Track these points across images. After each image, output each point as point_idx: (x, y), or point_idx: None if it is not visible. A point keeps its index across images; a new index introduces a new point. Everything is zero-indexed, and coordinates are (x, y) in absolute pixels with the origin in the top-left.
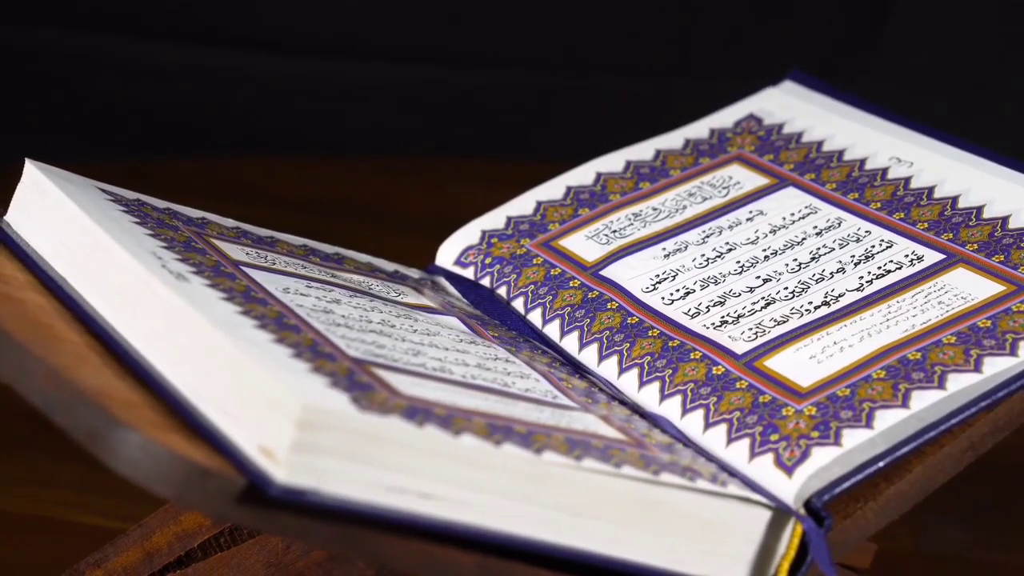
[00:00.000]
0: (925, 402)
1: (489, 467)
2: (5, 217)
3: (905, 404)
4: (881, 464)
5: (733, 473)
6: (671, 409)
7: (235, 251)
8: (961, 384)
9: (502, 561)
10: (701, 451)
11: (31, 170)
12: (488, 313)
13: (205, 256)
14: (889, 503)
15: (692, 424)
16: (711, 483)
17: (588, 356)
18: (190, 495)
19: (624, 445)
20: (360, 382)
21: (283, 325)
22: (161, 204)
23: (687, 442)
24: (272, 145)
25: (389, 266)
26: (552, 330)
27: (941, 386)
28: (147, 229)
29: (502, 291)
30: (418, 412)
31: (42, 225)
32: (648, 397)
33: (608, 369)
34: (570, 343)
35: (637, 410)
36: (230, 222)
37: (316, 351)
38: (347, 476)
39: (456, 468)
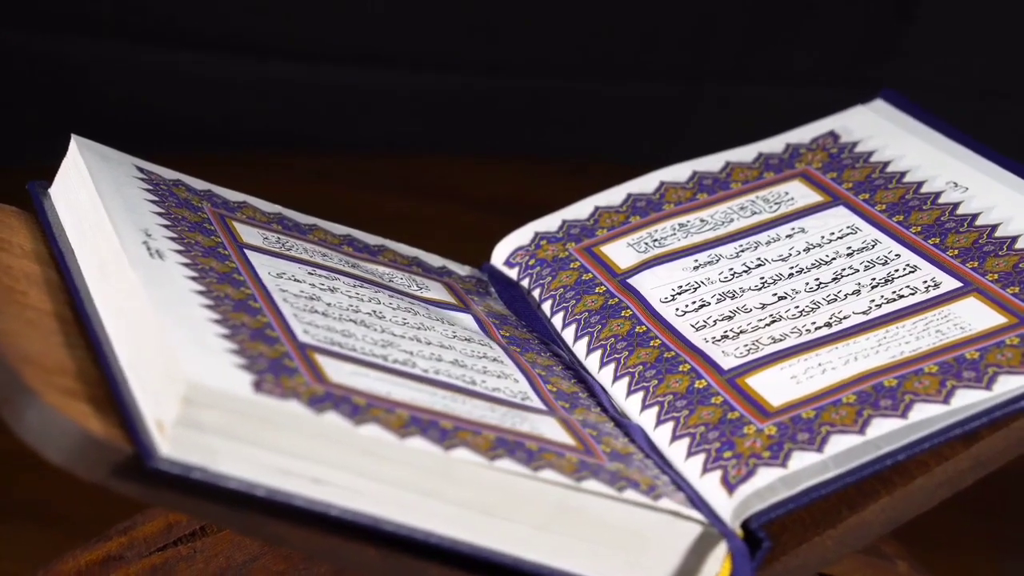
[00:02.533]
0: (882, 430)
1: (390, 459)
2: (50, 189)
3: (862, 430)
4: (829, 490)
5: (682, 487)
6: (648, 419)
7: (251, 234)
8: (924, 414)
9: (409, 556)
10: (664, 463)
11: (73, 145)
12: (518, 313)
13: (209, 237)
14: (850, 532)
15: (662, 435)
16: (643, 495)
17: (592, 362)
18: (76, 462)
19: (566, 450)
20: (287, 366)
21: (240, 306)
22: (200, 186)
23: (651, 453)
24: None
25: (436, 261)
26: (568, 334)
27: (903, 415)
28: (159, 208)
29: (536, 293)
30: (328, 400)
31: (69, 197)
32: (632, 406)
33: (605, 376)
34: (580, 348)
35: (615, 418)
36: (271, 208)
37: (259, 334)
38: (237, 456)
39: (353, 457)
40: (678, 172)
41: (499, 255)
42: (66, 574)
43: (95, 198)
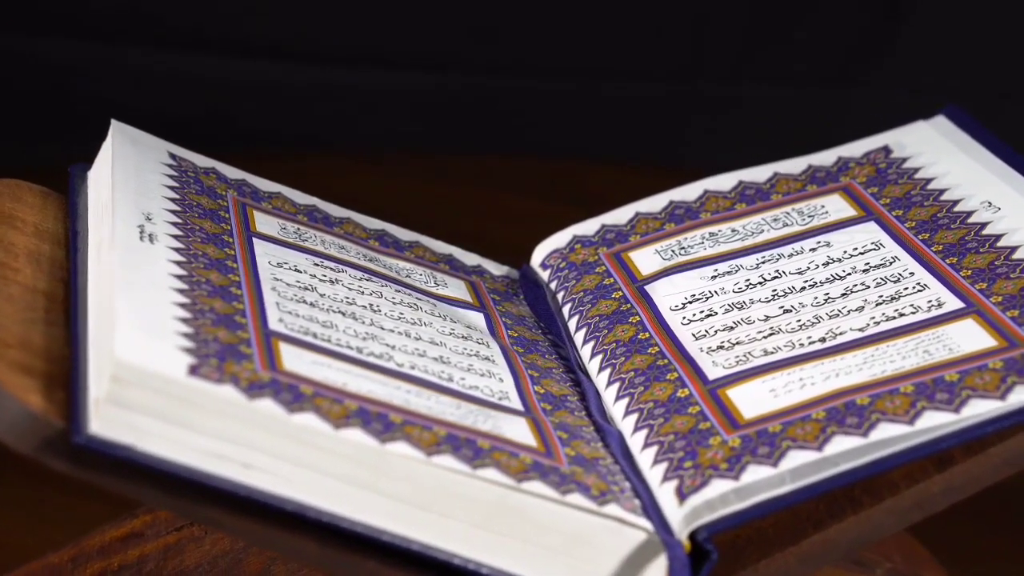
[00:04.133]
0: (840, 447)
1: (324, 449)
2: (89, 172)
3: (820, 447)
4: (785, 504)
5: (640, 494)
6: (628, 425)
7: (269, 224)
8: (886, 434)
9: (347, 548)
10: (633, 470)
11: (110, 129)
12: (538, 314)
13: (218, 224)
14: (815, 550)
15: (636, 442)
16: (590, 500)
17: (593, 365)
18: (7, 433)
19: (522, 451)
20: (241, 352)
21: (218, 292)
22: (234, 175)
23: (623, 459)
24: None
25: (472, 260)
26: (579, 337)
27: (865, 434)
28: (175, 193)
29: (560, 295)
30: (270, 387)
31: (98, 180)
32: (617, 411)
33: (601, 380)
34: (586, 351)
35: (597, 422)
36: (306, 200)
37: (226, 319)
38: (165, 437)
39: (285, 444)
40: (723, 181)
41: (537, 256)
42: (91, 548)
43: (108, 179)
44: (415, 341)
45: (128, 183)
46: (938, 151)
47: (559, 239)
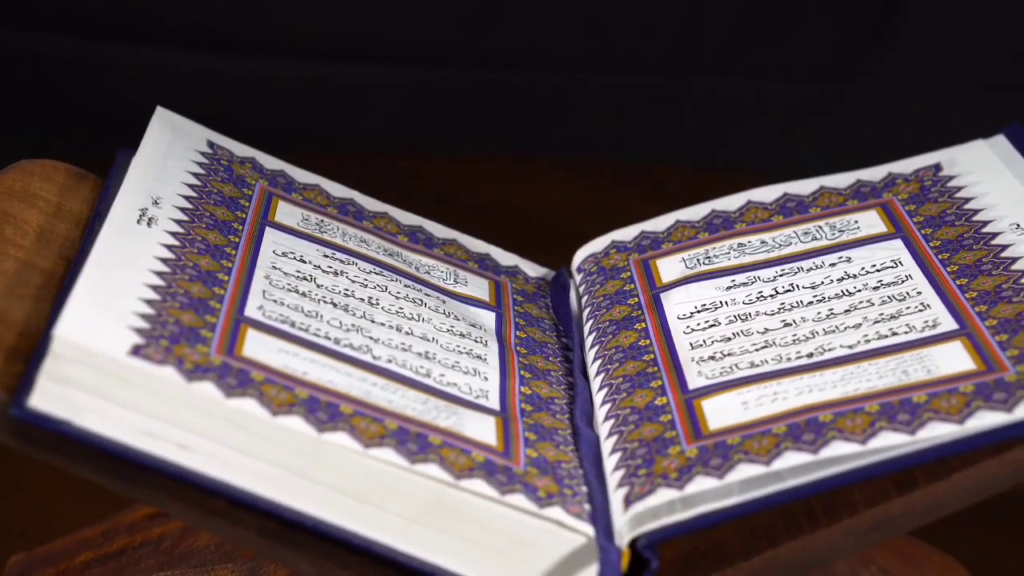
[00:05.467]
0: (789, 462)
1: (260, 434)
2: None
3: (769, 462)
4: (731, 516)
5: (595, 499)
6: (604, 430)
7: (291, 214)
8: (836, 452)
9: (287, 535)
10: (599, 475)
11: (154, 116)
12: (560, 317)
13: (232, 212)
14: (767, 566)
15: (607, 447)
16: (531, 502)
17: (593, 370)
18: None
19: (476, 448)
20: (200, 336)
21: (202, 277)
22: (272, 165)
23: (591, 464)
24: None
25: (508, 260)
26: (589, 341)
27: (816, 451)
28: (197, 180)
29: (584, 299)
30: (216, 371)
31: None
32: (600, 416)
33: (596, 384)
34: (591, 356)
35: (576, 426)
36: (343, 193)
37: (198, 303)
38: (102, 414)
39: (220, 428)
40: (767, 193)
41: (575, 260)
42: (122, 525)
43: (131, 162)
44: (404, 336)
45: (149, 168)
46: (986, 171)
47: (597, 244)
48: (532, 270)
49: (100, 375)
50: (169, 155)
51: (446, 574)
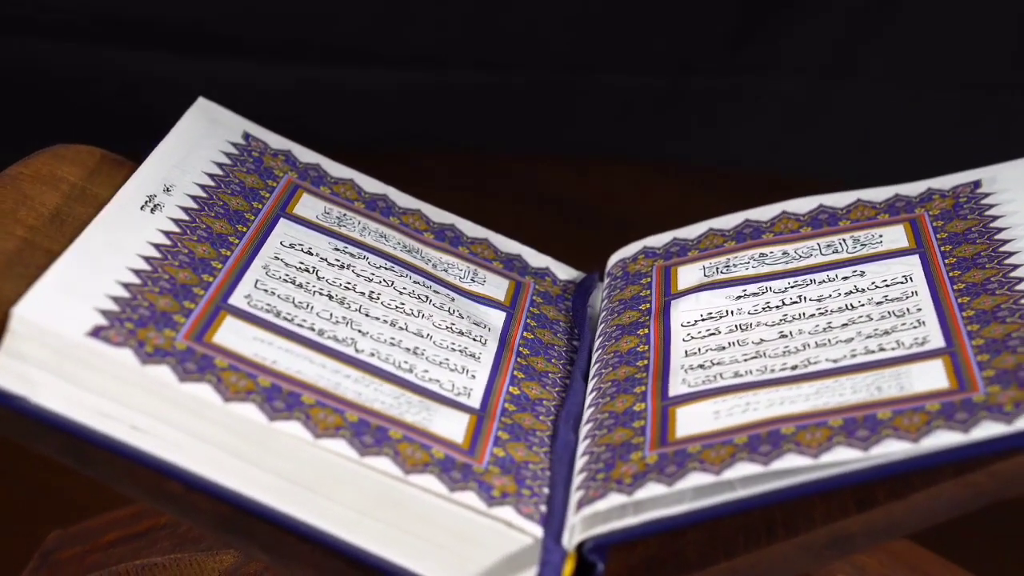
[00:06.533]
0: (740, 472)
1: (211, 420)
2: None
3: (720, 471)
4: (682, 523)
5: (554, 501)
6: (583, 433)
7: (313, 206)
8: (787, 464)
9: (241, 522)
10: (567, 478)
11: (193, 105)
12: (577, 321)
13: (248, 202)
14: None
15: (580, 450)
16: (482, 500)
17: (591, 373)
18: None
19: (437, 444)
20: (172, 320)
21: (192, 264)
22: (308, 159)
23: (563, 466)
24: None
25: (539, 261)
26: (596, 344)
27: (767, 463)
28: (221, 171)
29: (605, 303)
30: (176, 356)
31: None
32: (584, 418)
33: (589, 388)
34: (593, 359)
35: (558, 427)
36: (377, 188)
37: (182, 289)
38: (58, 392)
39: (172, 411)
40: (803, 204)
41: (609, 264)
42: (150, 507)
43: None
44: (397, 331)
45: (172, 155)
46: (1022, 189)
47: (628, 249)
48: (563, 272)
49: (56, 354)
50: (199, 144)
51: (393, 567)
